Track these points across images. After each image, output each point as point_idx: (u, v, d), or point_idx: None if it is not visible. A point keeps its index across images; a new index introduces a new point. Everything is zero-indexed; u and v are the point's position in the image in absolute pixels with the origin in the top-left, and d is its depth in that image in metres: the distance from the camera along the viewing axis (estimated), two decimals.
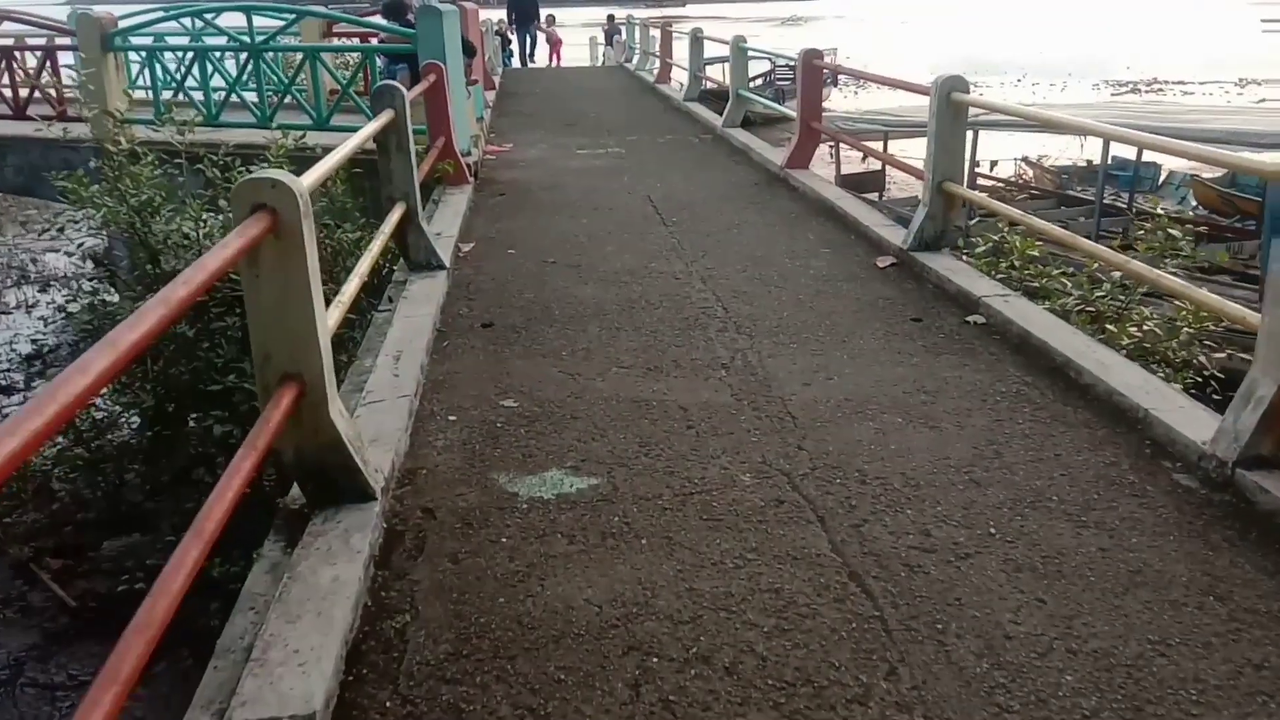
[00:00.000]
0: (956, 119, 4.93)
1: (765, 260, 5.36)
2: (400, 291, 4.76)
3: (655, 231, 6.10)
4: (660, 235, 5.99)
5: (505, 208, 6.87)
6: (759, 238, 5.87)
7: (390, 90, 4.81)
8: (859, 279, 4.99)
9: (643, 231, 6.10)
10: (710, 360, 3.93)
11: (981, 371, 3.75)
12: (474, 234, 6.10)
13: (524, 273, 5.24)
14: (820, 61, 7.31)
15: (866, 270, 5.14)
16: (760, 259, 5.39)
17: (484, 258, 5.56)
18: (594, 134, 10.36)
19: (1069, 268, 6.12)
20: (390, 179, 4.90)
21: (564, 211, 6.71)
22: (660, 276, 5.10)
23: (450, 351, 4.10)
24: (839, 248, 5.61)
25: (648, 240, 5.87)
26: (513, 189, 7.53)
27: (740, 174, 7.98)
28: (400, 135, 4.84)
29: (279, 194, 2.53)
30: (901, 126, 14.65)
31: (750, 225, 6.20)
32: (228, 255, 2.27)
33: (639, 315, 4.50)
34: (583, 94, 14.75)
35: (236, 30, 9.66)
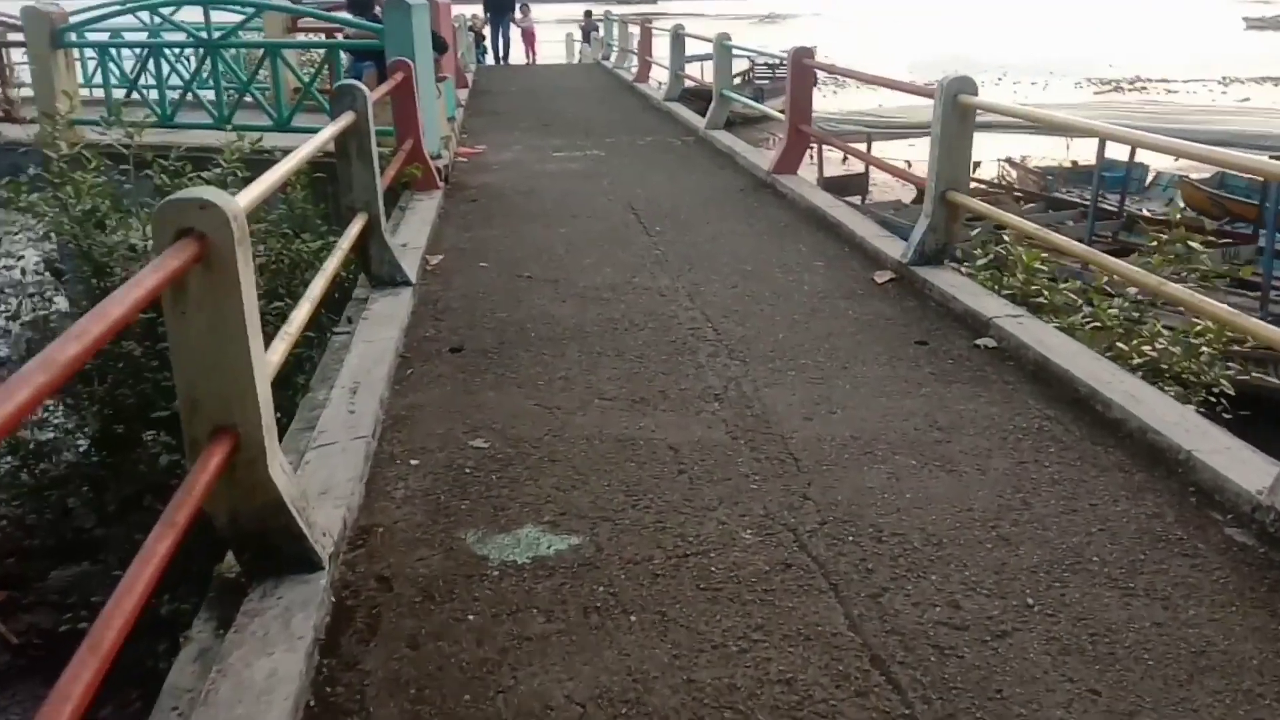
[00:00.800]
0: (963, 123, 4.61)
1: (756, 274, 5.02)
2: (361, 311, 4.38)
3: (638, 242, 5.74)
4: (643, 246, 5.64)
5: (477, 215, 6.49)
6: (748, 249, 5.53)
7: (351, 90, 4.43)
8: (857, 296, 4.66)
9: (624, 242, 5.74)
10: (701, 390, 3.58)
11: (998, 404, 3.43)
12: (443, 244, 5.72)
13: (497, 288, 4.87)
14: (811, 61, 6.99)
15: (864, 286, 4.82)
16: (751, 273, 5.05)
17: (454, 271, 5.18)
18: (571, 135, 9.99)
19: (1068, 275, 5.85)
20: (351, 187, 4.51)
21: (540, 219, 6.34)
22: (644, 293, 4.75)
23: (414, 381, 3.73)
24: (833, 260, 5.28)
25: (630, 251, 5.52)
26: (486, 194, 7.15)
27: (725, 179, 7.64)
28: (362, 139, 4.46)
29: (209, 217, 2.16)
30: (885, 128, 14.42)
31: (738, 235, 5.86)
32: (139, 296, 1.89)
33: (622, 338, 4.14)
34: (559, 92, 14.37)
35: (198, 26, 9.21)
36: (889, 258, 5.02)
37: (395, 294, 4.58)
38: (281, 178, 3.22)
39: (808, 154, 15.76)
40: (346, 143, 4.45)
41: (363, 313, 4.35)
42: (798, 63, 7.01)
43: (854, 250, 5.45)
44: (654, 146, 9.29)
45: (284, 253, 5.92)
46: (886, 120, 14.11)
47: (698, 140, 9.58)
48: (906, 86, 5.97)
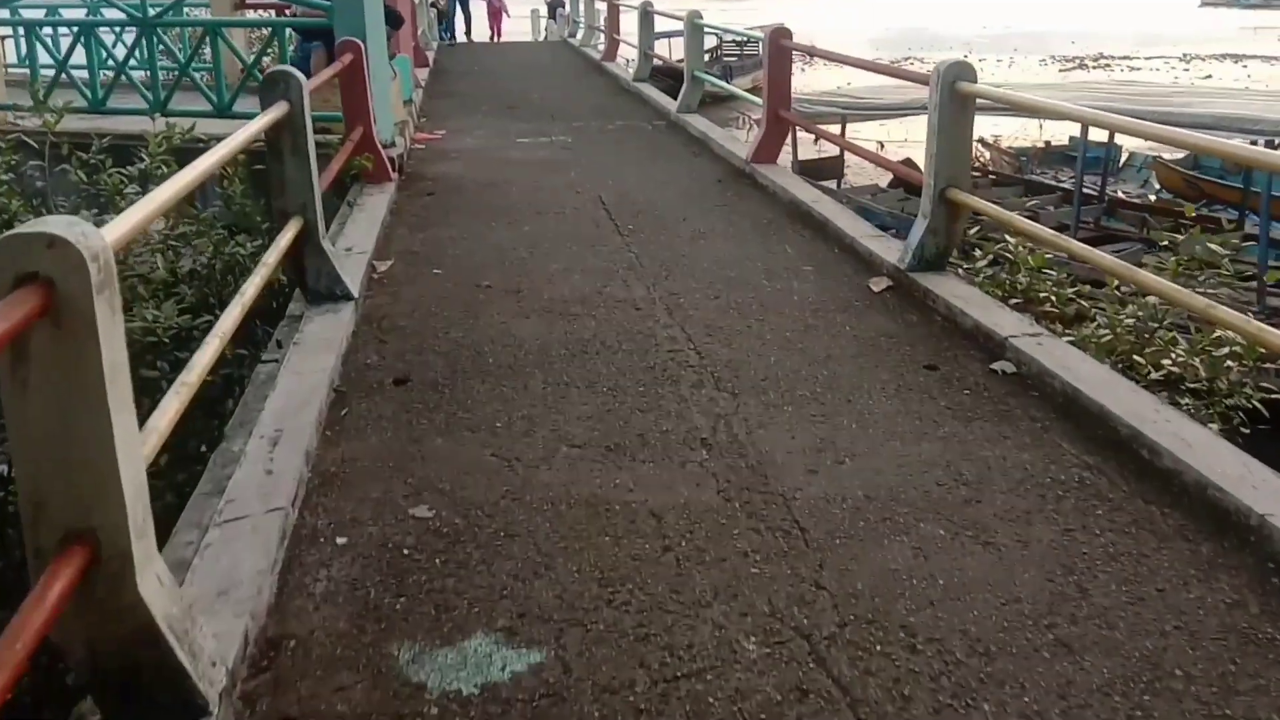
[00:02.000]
0: (962, 112, 4.12)
1: (740, 282, 4.52)
2: (293, 333, 3.82)
3: (609, 243, 5.21)
4: (615, 248, 5.11)
5: (434, 211, 5.92)
6: (730, 251, 5.02)
7: (283, 78, 3.84)
8: (853, 307, 4.18)
9: (594, 242, 5.21)
10: (687, 433, 3.08)
11: (1028, 447, 2.97)
12: (394, 248, 5.15)
13: (452, 301, 4.32)
14: (790, 42, 6.46)
15: (860, 295, 4.33)
16: (734, 280, 4.55)
17: (404, 280, 4.62)
18: (537, 119, 9.39)
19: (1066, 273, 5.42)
20: (283, 189, 3.94)
21: (502, 216, 5.78)
22: (618, 306, 4.23)
23: (349, 426, 3.19)
24: (824, 265, 4.79)
25: (601, 255, 4.99)
26: (444, 186, 6.56)
27: (701, 169, 7.11)
28: (296, 133, 3.88)
29: (58, 258, 1.65)
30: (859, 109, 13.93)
31: (718, 235, 5.34)
32: None
33: (593, 363, 3.63)
34: (525, 72, 13.71)
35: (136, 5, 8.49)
36: (885, 262, 4.54)
37: (334, 311, 4.02)
38: (178, 193, 2.66)
39: None
40: (278, 138, 3.86)
41: (295, 335, 3.79)
42: (775, 44, 6.48)
43: (845, 252, 4.96)
44: (624, 132, 8.72)
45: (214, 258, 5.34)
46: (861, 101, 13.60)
47: (669, 125, 9.03)
48: (901, 72, 5.47)
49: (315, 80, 4.79)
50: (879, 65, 5.87)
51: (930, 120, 4.17)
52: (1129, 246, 10.38)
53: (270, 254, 3.66)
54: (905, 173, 6.64)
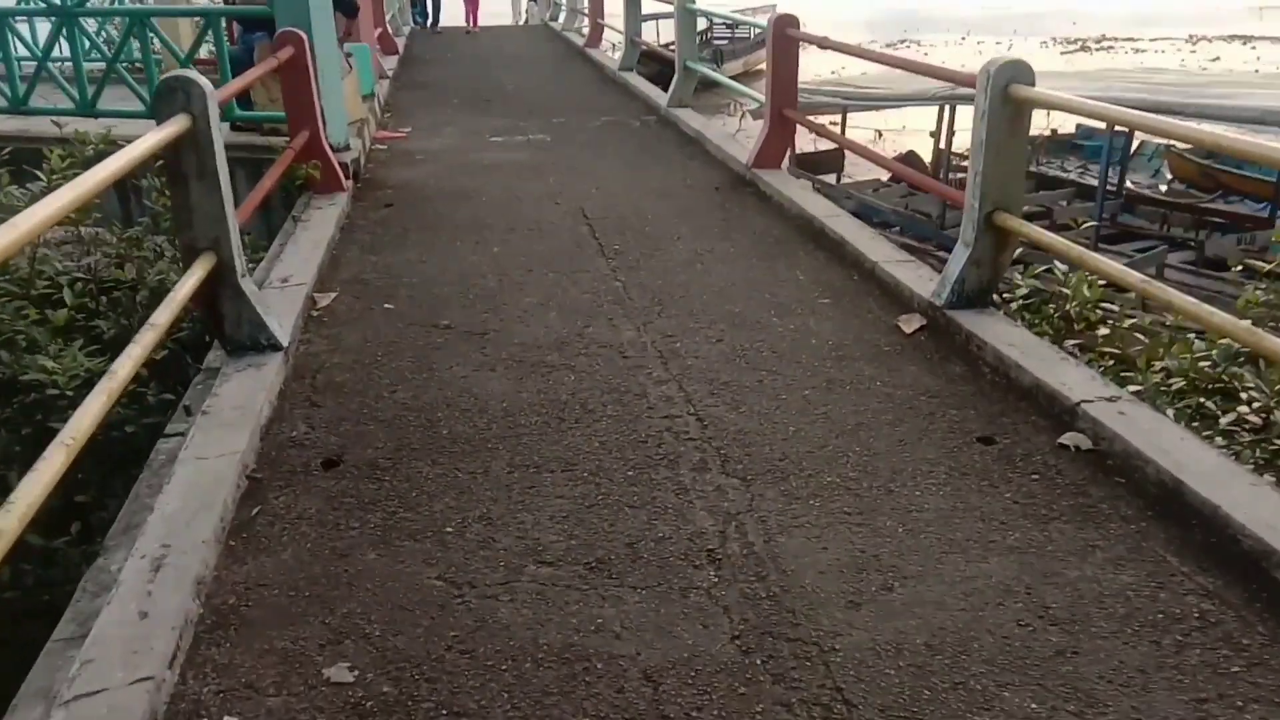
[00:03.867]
0: (1015, 122, 3.45)
1: (746, 320, 3.85)
2: (204, 397, 3.12)
3: (592, 268, 4.53)
4: (599, 275, 4.42)
5: (391, 228, 5.21)
6: (732, 279, 4.34)
7: (181, 85, 3.12)
8: (882, 355, 3.51)
9: (575, 268, 4.52)
10: (689, 542, 2.42)
11: (1125, 564, 2.32)
12: (340, 275, 4.44)
13: (403, 347, 3.63)
14: (797, 32, 5.76)
15: (889, 337, 3.67)
16: (739, 317, 3.88)
17: (348, 319, 3.93)
18: (514, 114, 8.66)
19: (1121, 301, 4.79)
20: (189, 220, 3.22)
21: (469, 234, 5.08)
22: (602, 353, 3.55)
23: (261, 532, 2.51)
24: (843, 296, 4.12)
25: (582, 284, 4.30)
26: (405, 196, 5.85)
27: (696, 174, 6.41)
28: (202, 152, 3.16)
29: None
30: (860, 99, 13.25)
31: (718, 257, 4.66)
32: None
33: (571, 436, 2.96)
34: (501, 60, 12.93)
35: None
36: (916, 296, 3.87)
37: (257, 366, 3.32)
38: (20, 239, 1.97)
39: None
40: (179, 159, 3.15)
41: (205, 400, 3.10)
42: (781, 34, 5.78)
43: (866, 280, 4.29)
44: (609, 129, 8.00)
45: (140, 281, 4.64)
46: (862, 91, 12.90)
47: (660, 121, 8.31)
48: (940, 71, 4.72)
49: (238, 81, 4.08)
50: (911, 62, 5.11)
51: (976, 131, 3.49)
52: (1150, 245, 9.78)
53: (172, 298, 2.96)
54: (915, 177, 5.98)
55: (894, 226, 11.17)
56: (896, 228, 11.15)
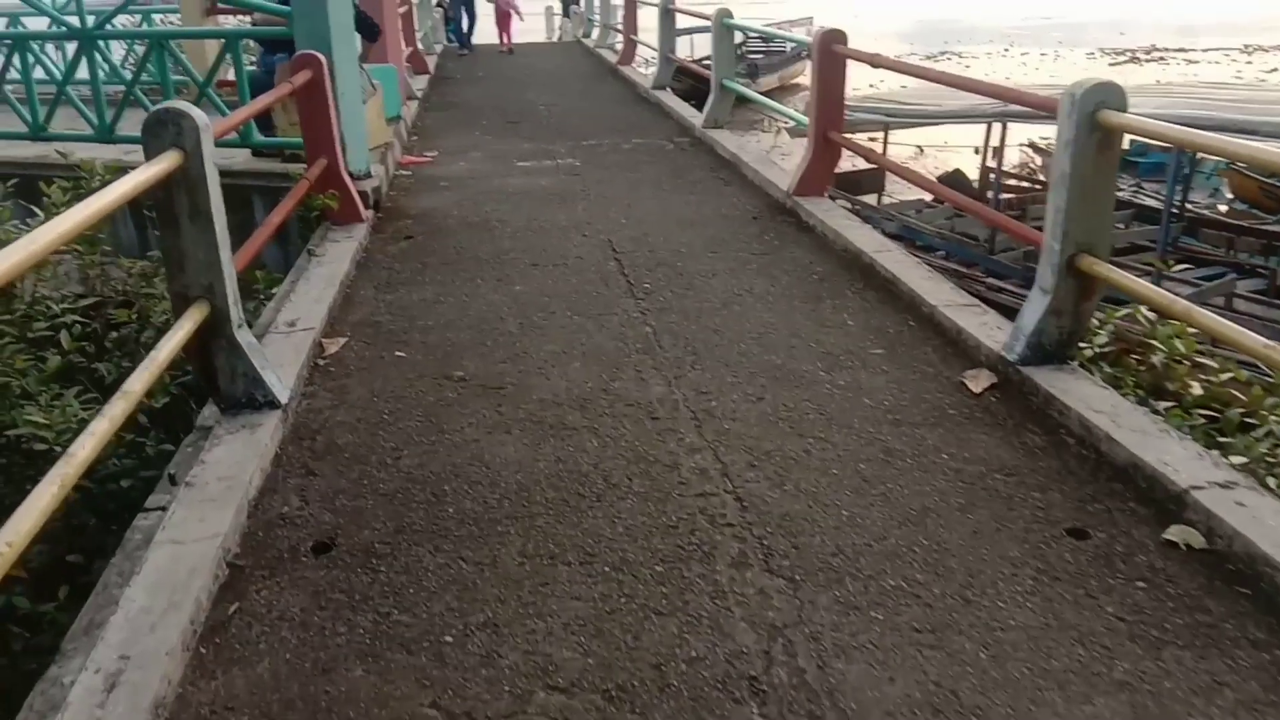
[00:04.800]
0: (1105, 152, 3.04)
1: (790, 374, 3.47)
2: (189, 466, 2.81)
3: (620, 309, 4.18)
4: (628, 318, 4.07)
5: (409, 262, 4.90)
6: (773, 323, 3.97)
7: (172, 118, 2.81)
8: (947, 419, 3.11)
9: (602, 309, 4.17)
10: (727, 667, 2.04)
11: (1262, 712, 1.90)
12: (351, 317, 4.14)
13: (413, 404, 3.30)
14: (844, 48, 5.38)
15: (953, 397, 3.27)
16: (781, 370, 3.50)
17: (356, 368, 3.61)
18: (542, 136, 8.36)
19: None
20: (180, 266, 2.92)
21: (491, 269, 4.76)
22: (628, 413, 3.19)
23: (236, 637, 2.17)
24: (898, 345, 3.72)
25: (609, 329, 3.95)
26: (426, 227, 5.55)
27: (732, 201, 6.05)
28: (194, 191, 2.86)
29: None
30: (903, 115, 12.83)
31: (757, 297, 4.29)
32: None
33: (592, 517, 2.60)
34: (533, 78, 12.68)
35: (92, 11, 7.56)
36: (983, 347, 3.47)
37: (251, 427, 3.01)
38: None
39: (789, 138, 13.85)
40: (170, 199, 2.85)
41: (190, 470, 2.78)
42: (826, 51, 5.40)
43: (923, 325, 3.89)
44: (641, 152, 7.67)
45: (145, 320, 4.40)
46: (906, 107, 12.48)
47: (694, 142, 7.96)
48: (1017, 94, 4.26)
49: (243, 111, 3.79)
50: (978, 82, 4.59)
51: (1058, 163, 3.09)
52: (1215, 271, 9.23)
53: (160, 350, 2.66)
54: (967, 204, 5.50)
55: (938, 251, 10.71)
56: (941, 252, 10.69)
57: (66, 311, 3.90)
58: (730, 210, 5.82)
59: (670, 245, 5.11)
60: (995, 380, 3.31)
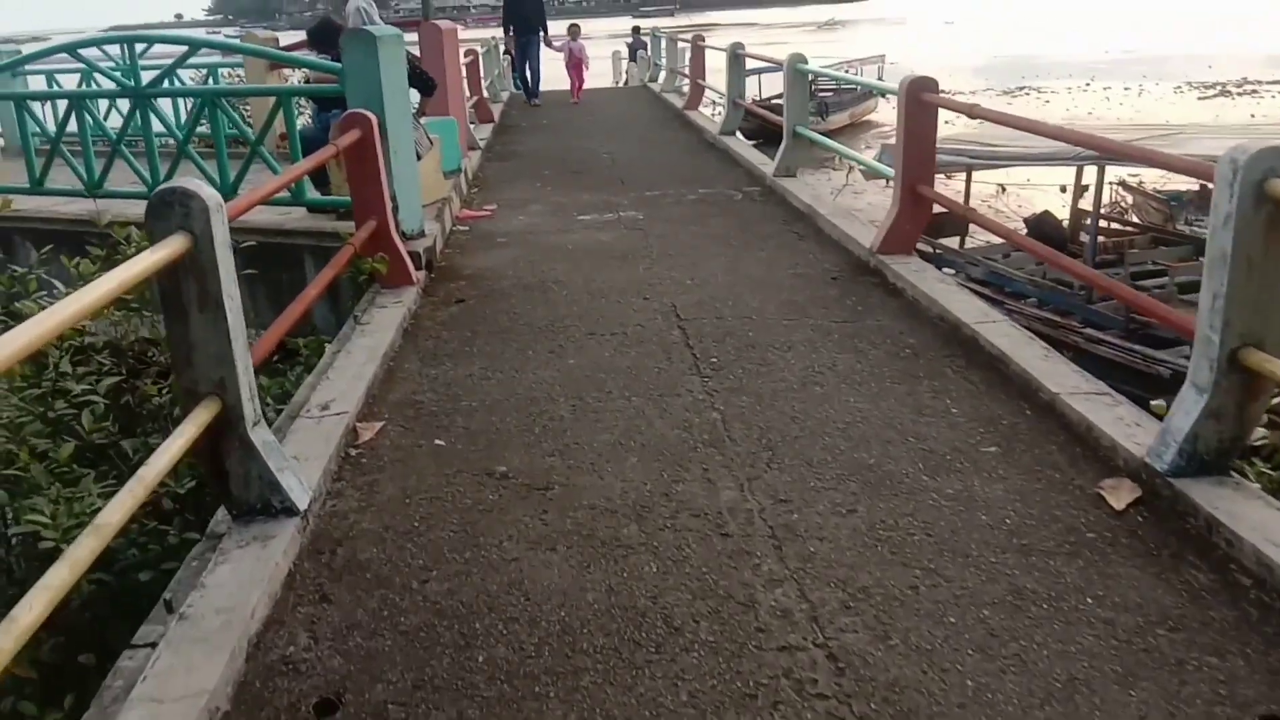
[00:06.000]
0: (1277, 229, 2.50)
1: (886, 478, 2.95)
2: (189, 589, 2.43)
3: (684, 389, 3.72)
4: (692, 400, 3.61)
5: (459, 331, 4.54)
6: (861, 409, 3.46)
7: (179, 198, 2.47)
8: (1085, 545, 2.55)
9: (664, 389, 3.72)
10: None
11: None
12: (392, 394, 3.77)
13: (448, 508, 2.89)
14: (935, 96, 4.89)
15: (1089, 513, 2.70)
16: (876, 473, 2.99)
17: (390, 461, 3.21)
18: (605, 186, 8.03)
19: None
20: (188, 359, 2.57)
21: (544, 339, 4.36)
22: (693, 527, 2.72)
23: None
24: (1015, 442, 3.17)
25: (671, 413, 3.49)
26: (479, 290, 5.20)
27: (808, 259, 5.57)
28: (204, 278, 2.51)
29: None
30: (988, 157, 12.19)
31: (841, 376, 3.79)
32: None
33: (648, 682, 2.11)
34: (597, 125, 12.45)
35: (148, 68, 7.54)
36: (1121, 450, 2.91)
37: (264, 540, 2.62)
38: None
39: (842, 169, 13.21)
40: (177, 286, 2.51)
41: (188, 597, 2.40)
42: (915, 99, 4.92)
43: (1042, 416, 3.33)
44: (709, 203, 7.26)
45: None
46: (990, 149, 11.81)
47: (764, 192, 7.53)
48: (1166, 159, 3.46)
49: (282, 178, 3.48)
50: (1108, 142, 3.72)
51: (1215, 239, 2.55)
52: None
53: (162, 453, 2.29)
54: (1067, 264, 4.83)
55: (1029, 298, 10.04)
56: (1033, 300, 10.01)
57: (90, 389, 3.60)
58: (806, 269, 5.34)
59: (740, 311, 4.65)
60: (1139, 494, 2.74)
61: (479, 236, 6.45)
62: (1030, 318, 9.09)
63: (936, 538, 2.62)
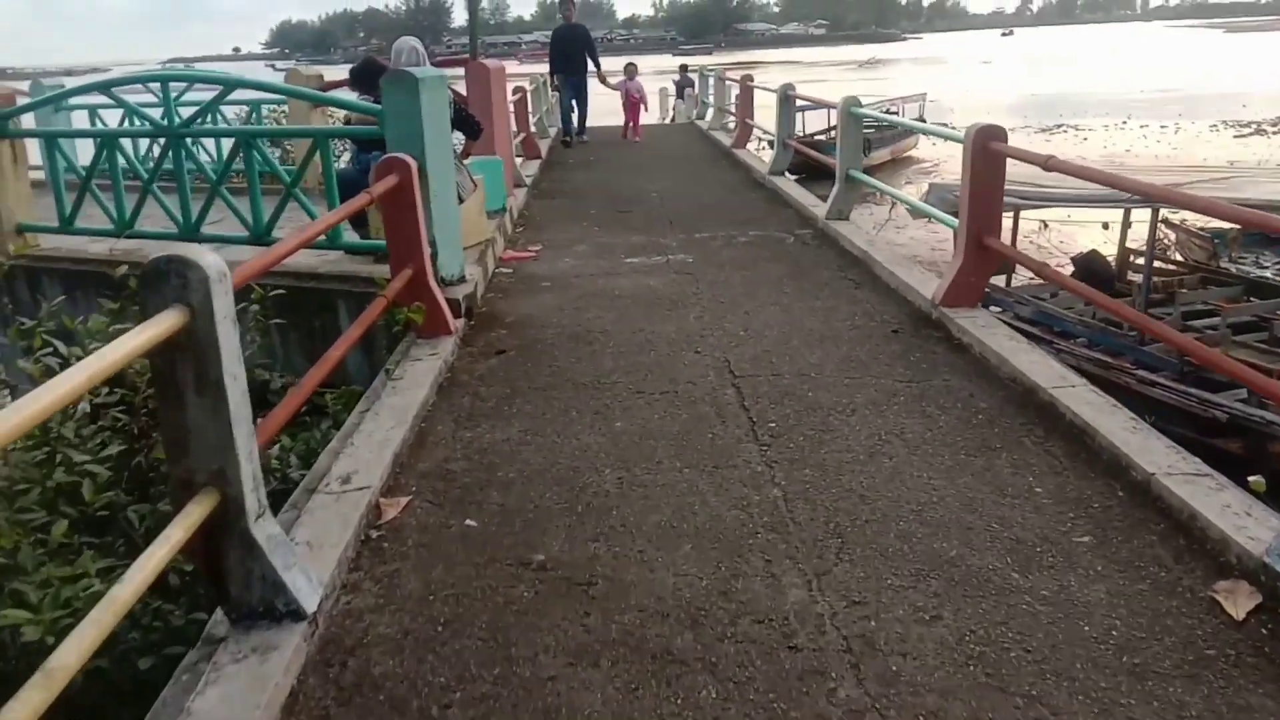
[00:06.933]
0: None
1: (972, 576, 2.59)
2: (182, 703, 2.16)
3: (740, 459, 3.40)
4: (750, 473, 3.29)
5: (497, 387, 4.27)
6: (937, 489, 3.10)
7: (176, 267, 2.22)
8: (1206, 664, 2.17)
9: (718, 461, 3.40)
10: None
11: None
12: (421, 464, 3.50)
13: (477, 607, 2.58)
14: (1004, 145, 4.54)
15: (1205, 623, 2.32)
16: (959, 567, 2.63)
17: (414, 545, 2.93)
18: (653, 227, 7.77)
19: None
20: (184, 446, 2.29)
21: (588, 397, 4.08)
22: (756, 638, 2.38)
23: None
24: (1110, 531, 2.79)
25: (728, 489, 3.17)
26: (521, 339, 4.94)
27: (866, 309, 5.23)
28: (202, 357, 2.24)
29: None
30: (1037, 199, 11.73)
31: (910, 445, 3.44)
32: None
33: None
34: (645, 162, 12.25)
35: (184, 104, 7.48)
36: (1233, 544, 2.52)
37: (264, 652, 2.33)
38: None
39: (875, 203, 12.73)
40: (173, 367, 2.25)
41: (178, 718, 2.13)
42: (983, 148, 4.58)
43: (1135, 497, 2.95)
44: (759, 246, 6.96)
45: None
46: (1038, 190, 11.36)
47: (816, 235, 7.21)
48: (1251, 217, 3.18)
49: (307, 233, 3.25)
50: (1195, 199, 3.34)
51: None
52: None
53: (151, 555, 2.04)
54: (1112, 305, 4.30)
55: (1079, 338, 9.56)
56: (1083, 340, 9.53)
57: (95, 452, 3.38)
58: (865, 321, 5.00)
59: (797, 366, 4.33)
60: (1260, 599, 2.36)
61: (522, 279, 6.22)
62: (1081, 358, 8.60)
63: (1036, 654, 2.25)
